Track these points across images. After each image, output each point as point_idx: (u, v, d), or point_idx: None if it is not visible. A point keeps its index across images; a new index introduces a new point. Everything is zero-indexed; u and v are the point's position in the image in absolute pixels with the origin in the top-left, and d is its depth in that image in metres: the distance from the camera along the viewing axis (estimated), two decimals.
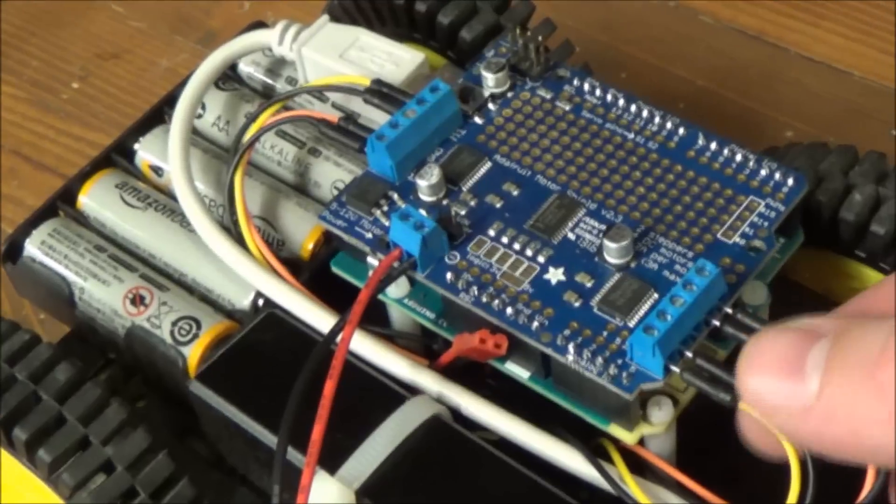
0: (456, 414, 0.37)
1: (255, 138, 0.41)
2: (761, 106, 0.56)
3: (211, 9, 0.63)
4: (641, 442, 0.36)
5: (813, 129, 0.55)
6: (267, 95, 0.46)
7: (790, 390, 0.29)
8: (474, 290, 0.36)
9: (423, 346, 0.39)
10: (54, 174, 0.58)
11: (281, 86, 0.46)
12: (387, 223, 0.37)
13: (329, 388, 0.34)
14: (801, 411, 0.28)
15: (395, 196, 0.38)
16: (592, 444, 0.36)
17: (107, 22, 0.64)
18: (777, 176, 0.37)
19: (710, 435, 0.37)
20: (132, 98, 0.60)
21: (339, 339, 0.35)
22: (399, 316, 0.39)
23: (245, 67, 0.47)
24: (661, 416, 0.35)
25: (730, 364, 0.35)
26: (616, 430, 0.35)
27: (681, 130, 0.39)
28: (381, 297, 0.38)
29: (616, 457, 0.36)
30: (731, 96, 0.57)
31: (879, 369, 0.27)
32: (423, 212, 0.37)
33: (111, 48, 0.63)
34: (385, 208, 0.38)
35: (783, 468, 0.33)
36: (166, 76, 0.61)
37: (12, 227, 0.44)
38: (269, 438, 0.36)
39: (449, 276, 0.36)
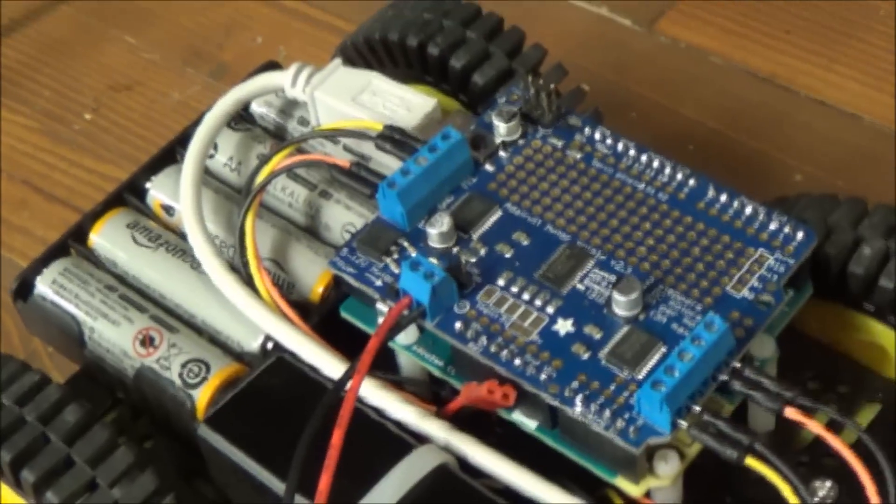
0: (463, 462, 0.37)
1: (268, 181, 0.42)
2: (771, 148, 0.56)
3: (223, 42, 0.64)
4: (647, 494, 0.36)
5: (822, 172, 0.55)
6: (279, 136, 0.46)
7: None
8: (483, 339, 0.36)
9: (431, 393, 0.39)
10: (65, 206, 0.58)
11: (293, 126, 0.46)
12: (397, 270, 0.37)
13: (337, 436, 0.34)
14: None
15: (406, 243, 0.38)
16: (598, 495, 0.37)
17: (120, 54, 0.64)
18: (787, 229, 0.37)
19: (716, 488, 0.38)
20: (144, 130, 0.60)
21: (347, 386, 0.35)
22: (407, 362, 0.39)
23: (258, 108, 0.47)
24: (668, 469, 0.35)
25: (736, 418, 0.35)
26: (622, 483, 0.35)
27: (691, 181, 0.39)
28: (390, 343, 0.38)
29: None
30: (740, 138, 0.57)
31: None
32: (433, 260, 0.37)
33: (124, 80, 0.63)
34: (395, 255, 0.38)
35: None
36: (178, 108, 0.61)
37: (22, 258, 0.45)
38: (277, 485, 0.36)
39: (458, 325, 0.36)
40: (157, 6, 0.66)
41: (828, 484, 0.38)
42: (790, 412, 0.34)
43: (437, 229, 0.38)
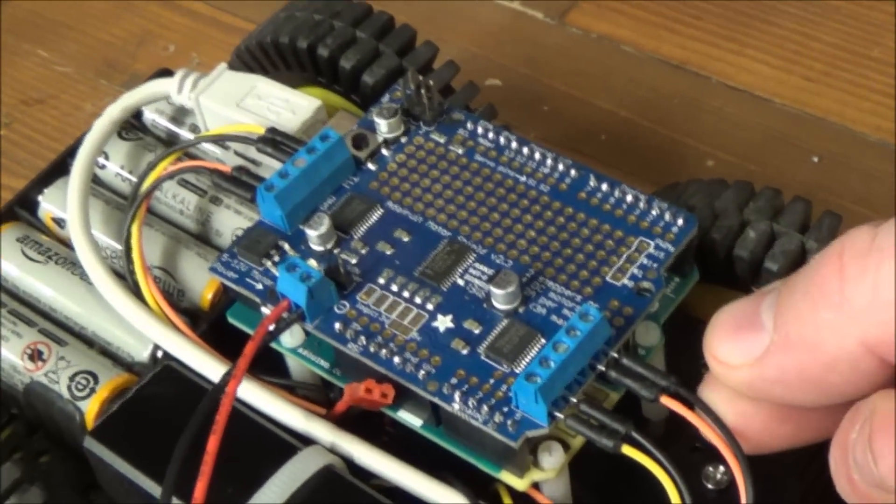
0: (350, 463, 0.37)
1: (153, 188, 0.41)
2: (683, 136, 0.56)
3: (136, 52, 0.63)
4: (536, 487, 0.36)
5: (735, 158, 0.55)
6: (171, 143, 0.46)
7: (749, 341, 0.31)
8: (362, 339, 0.36)
9: (324, 396, 0.39)
10: None
11: (185, 133, 0.46)
12: (277, 273, 0.37)
13: (213, 443, 0.34)
14: (763, 354, 0.30)
15: (286, 246, 0.38)
16: (490, 491, 0.36)
17: (32, 68, 0.64)
18: (667, 216, 0.37)
19: (606, 478, 0.37)
20: (56, 144, 0.60)
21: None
22: (296, 366, 0.39)
23: (149, 115, 0.47)
24: (552, 461, 0.35)
25: (617, 409, 0.35)
26: (507, 477, 0.35)
27: (572, 172, 0.39)
28: (276, 347, 0.38)
29: (508, 502, 0.36)
30: (653, 126, 0.57)
31: (827, 283, 0.29)
32: (313, 262, 0.36)
33: (36, 94, 0.62)
34: (276, 259, 0.38)
35: None
36: (90, 121, 0.60)
37: None
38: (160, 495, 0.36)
39: (337, 325, 0.36)
40: (70, 19, 0.65)
41: (721, 469, 0.38)
42: (665, 400, 0.34)
43: (316, 231, 0.37)
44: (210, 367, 0.38)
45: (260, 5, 0.63)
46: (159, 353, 0.40)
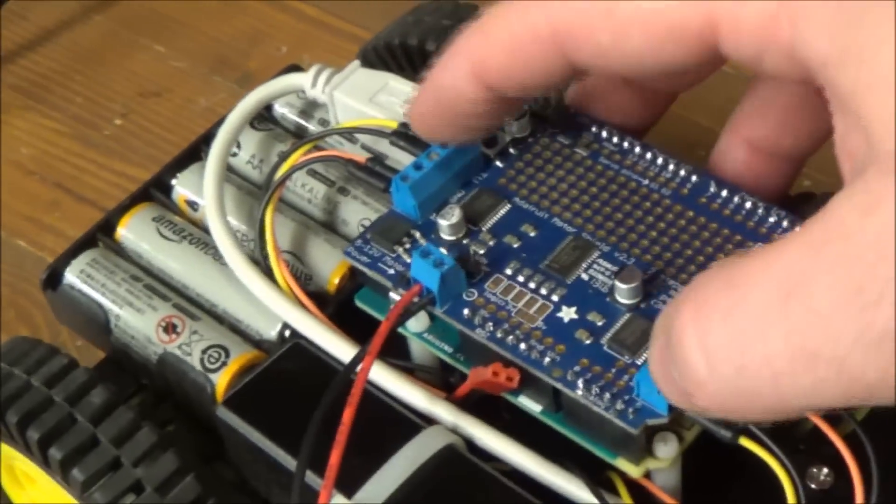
0: (470, 444, 0.38)
1: (287, 176, 0.43)
2: None
3: (249, 51, 0.66)
4: (648, 476, 0.37)
5: (830, 178, 0.56)
6: (299, 136, 0.48)
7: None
8: (490, 325, 0.37)
9: (442, 380, 0.41)
10: (94, 207, 0.60)
11: (313, 127, 0.48)
12: (409, 260, 0.39)
13: (347, 415, 0.35)
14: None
15: (417, 234, 0.40)
16: (601, 477, 0.38)
17: (149, 62, 0.66)
18: (785, 224, 0.39)
19: (715, 471, 0.39)
20: (171, 135, 0.62)
21: (359, 368, 0.36)
22: (419, 349, 0.41)
23: (279, 108, 0.49)
24: (667, 451, 0.36)
25: None
26: (622, 464, 0.37)
27: (693, 178, 0.40)
28: (402, 330, 0.39)
29: (622, 489, 0.37)
30: None
31: None
32: (443, 250, 0.38)
33: (152, 87, 0.65)
34: (407, 246, 0.39)
35: None
36: (204, 115, 0.63)
37: (53, 257, 0.46)
38: (291, 463, 0.38)
39: (466, 311, 0.38)
40: (184, 16, 0.67)
41: (825, 470, 0.39)
42: None
43: (448, 221, 0.39)
44: (338, 346, 0.40)
45: (367, 9, 0.65)
46: (286, 332, 0.42)
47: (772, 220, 0.39)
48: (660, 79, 0.40)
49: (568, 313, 0.37)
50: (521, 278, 0.38)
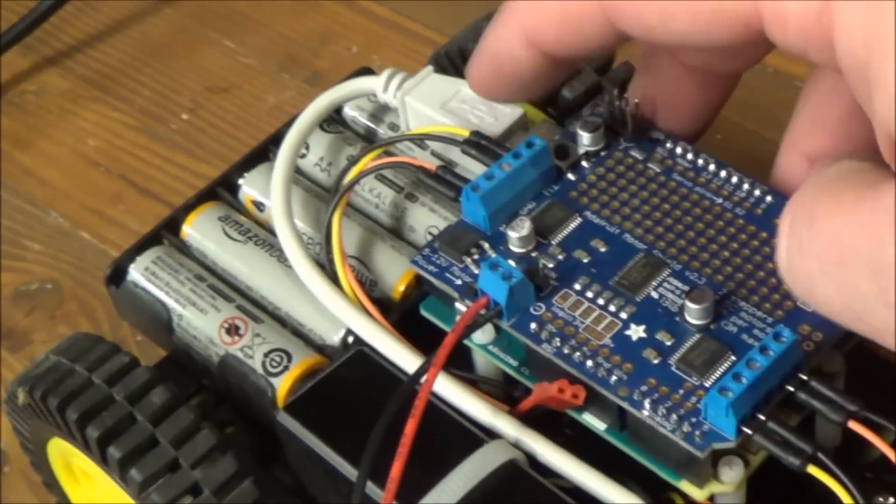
0: (532, 460, 0.38)
1: (356, 181, 0.43)
2: None
3: (319, 49, 0.65)
4: (711, 499, 0.37)
5: None
6: (369, 140, 0.47)
7: None
8: (557, 341, 0.37)
9: (505, 393, 0.40)
10: (158, 201, 0.60)
11: (383, 131, 0.47)
12: (476, 271, 0.38)
13: (410, 426, 0.35)
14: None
15: (486, 245, 0.39)
16: (663, 498, 0.37)
17: (218, 57, 0.66)
18: None
19: (779, 498, 0.38)
20: (238, 132, 0.62)
21: (423, 380, 0.36)
22: (483, 362, 0.40)
23: (350, 111, 0.48)
24: (732, 475, 0.36)
25: (801, 430, 0.36)
26: (686, 487, 0.36)
27: (768, 198, 0.40)
28: (466, 342, 0.39)
29: None
30: None
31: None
32: (512, 262, 0.38)
33: (221, 83, 0.65)
34: (476, 257, 0.39)
35: None
36: (272, 112, 0.63)
37: (116, 250, 0.46)
38: (350, 472, 0.37)
39: (533, 326, 0.37)
40: (255, 12, 0.67)
41: (891, 500, 0.38)
42: (854, 425, 0.35)
43: (518, 233, 0.39)
44: (402, 355, 0.40)
45: (440, 11, 0.65)
46: (350, 339, 0.42)
47: None
48: (711, 55, 0.40)
49: (636, 331, 0.37)
50: (589, 294, 0.38)
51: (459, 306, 0.39)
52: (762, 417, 0.35)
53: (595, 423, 0.37)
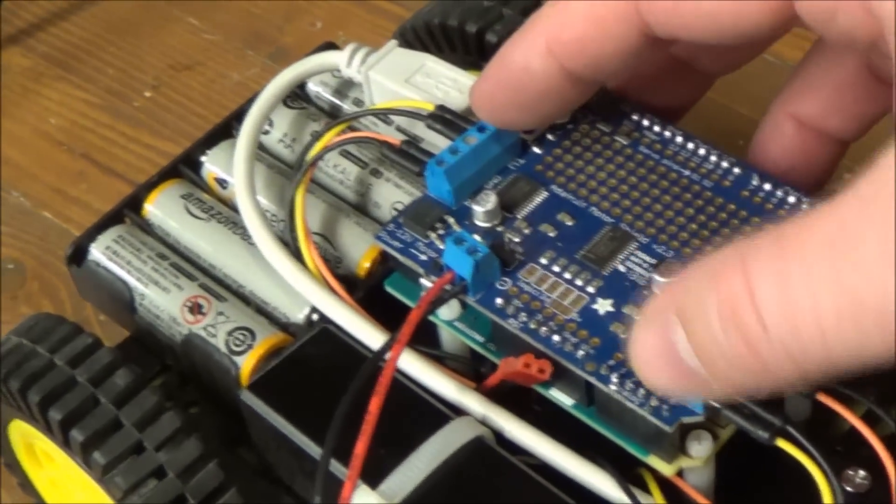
0: (499, 437, 0.37)
1: (320, 157, 0.42)
2: None
3: (284, 26, 0.65)
4: (680, 474, 0.36)
5: None
6: (333, 115, 0.47)
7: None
8: (523, 315, 0.36)
9: (471, 369, 0.40)
10: (122, 180, 0.59)
11: (348, 106, 0.47)
12: (441, 246, 0.38)
13: (374, 404, 0.34)
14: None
15: (451, 220, 0.39)
16: (632, 474, 0.37)
17: (182, 34, 0.65)
18: None
19: (748, 471, 0.38)
20: (202, 109, 0.61)
21: (387, 357, 0.36)
22: (449, 338, 0.40)
23: (313, 87, 0.48)
24: (701, 449, 0.35)
25: (770, 403, 0.35)
26: (655, 461, 0.36)
27: (736, 170, 0.39)
28: (432, 318, 0.39)
29: (653, 487, 0.36)
30: None
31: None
32: (477, 237, 0.37)
33: (185, 60, 0.64)
34: (441, 232, 0.39)
35: None
36: (236, 89, 0.62)
37: (79, 230, 0.46)
38: (315, 450, 0.37)
39: (499, 301, 0.37)
40: None
41: (861, 473, 0.38)
42: (823, 398, 0.34)
43: (483, 207, 0.38)
44: (367, 332, 0.39)
45: None
46: (314, 316, 0.41)
47: None
48: (729, 46, 0.40)
49: (604, 305, 0.37)
50: (556, 268, 0.37)
51: (424, 282, 0.38)
52: None
53: (563, 398, 0.37)
